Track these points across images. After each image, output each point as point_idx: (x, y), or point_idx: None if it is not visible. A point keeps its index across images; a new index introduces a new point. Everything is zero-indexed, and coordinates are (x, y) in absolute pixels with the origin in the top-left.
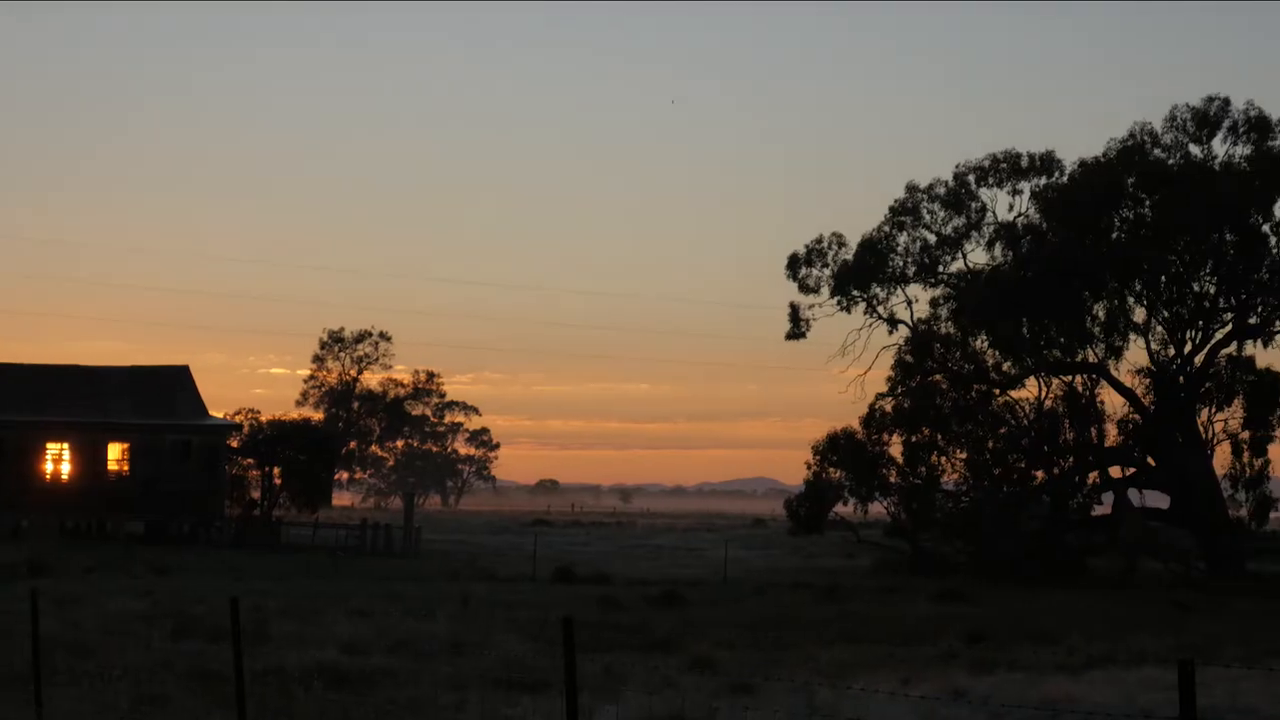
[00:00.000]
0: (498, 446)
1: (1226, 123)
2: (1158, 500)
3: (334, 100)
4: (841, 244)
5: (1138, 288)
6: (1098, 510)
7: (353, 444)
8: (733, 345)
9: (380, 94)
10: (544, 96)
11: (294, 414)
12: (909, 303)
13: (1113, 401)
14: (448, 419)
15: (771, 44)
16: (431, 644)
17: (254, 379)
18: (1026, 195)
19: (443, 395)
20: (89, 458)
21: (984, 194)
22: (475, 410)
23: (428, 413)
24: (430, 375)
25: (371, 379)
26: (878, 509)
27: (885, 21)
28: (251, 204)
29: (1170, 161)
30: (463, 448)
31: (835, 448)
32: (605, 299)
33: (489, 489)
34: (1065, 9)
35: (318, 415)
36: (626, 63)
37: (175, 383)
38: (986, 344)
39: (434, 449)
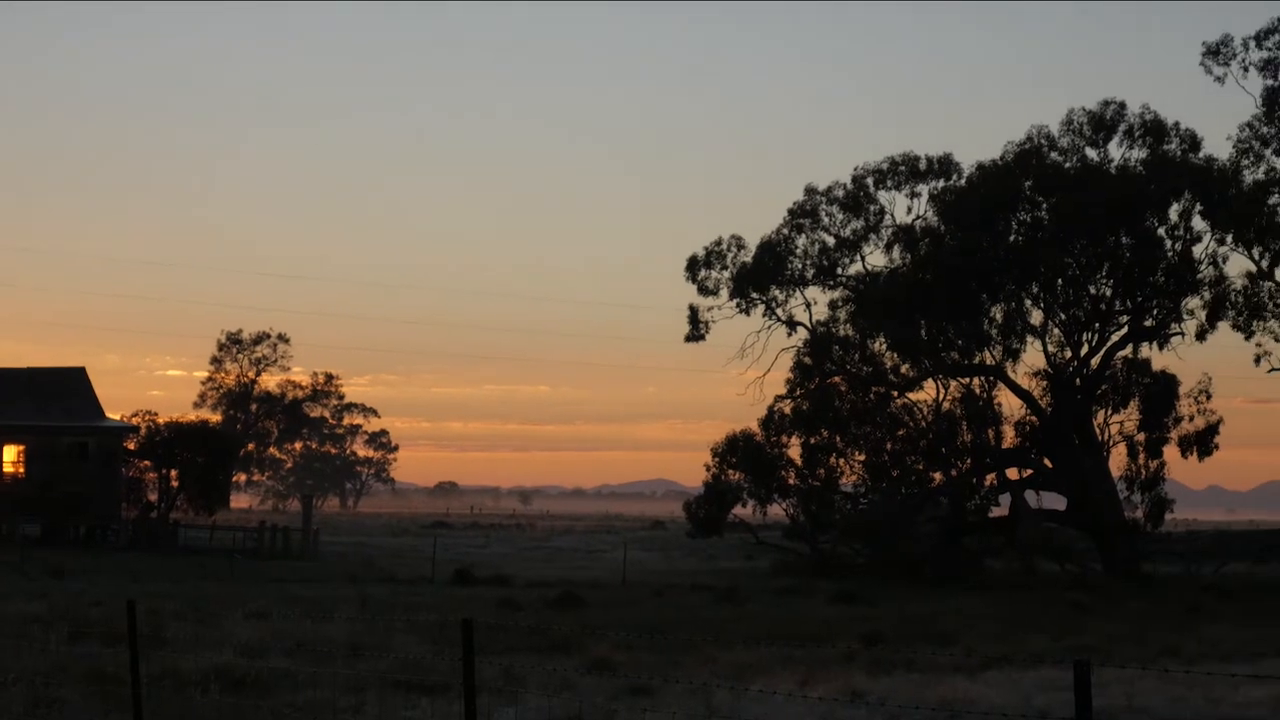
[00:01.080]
0: (396, 449)
1: (1122, 126)
2: (1055, 502)
3: (231, 102)
4: (741, 246)
5: (1035, 290)
6: (995, 512)
7: (251, 446)
8: (632, 347)
9: (276, 95)
10: (441, 99)
11: (191, 416)
12: (808, 305)
13: (1010, 404)
14: (346, 421)
15: (672, 46)
16: (330, 646)
17: (151, 381)
18: (925, 198)
19: (341, 397)
20: None
21: (882, 197)
22: (374, 412)
23: (326, 415)
24: (328, 377)
25: (270, 381)
26: (777, 511)
27: (784, 24)
28: (149, 206)
29: (1067, 165)
30: (361, 450)
31: (734, 450)
32: (504, 300)
33: (388, 491)
34: (964, 12)
35: (215, 417)
36: (528, 64)
37: (72, 384)
38: (885, 346)
39: (332, 451)
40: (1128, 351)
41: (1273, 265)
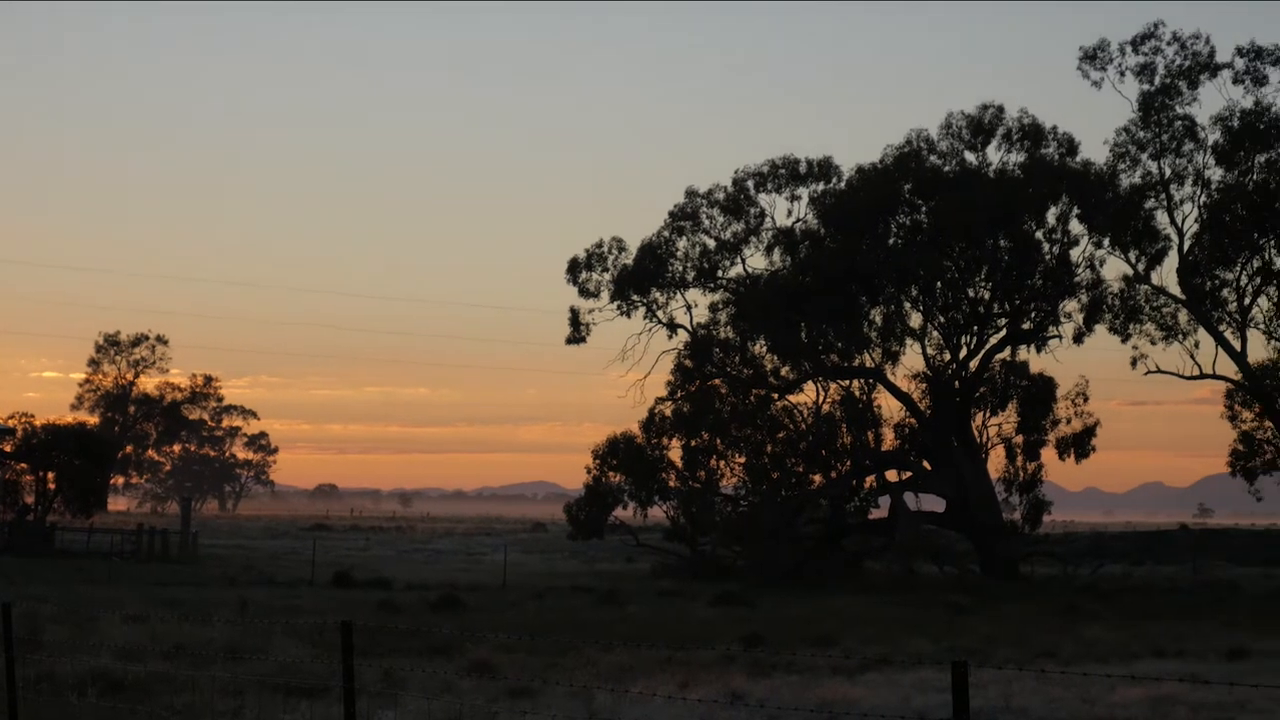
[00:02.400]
0: (276, 451)
1: (1001, 130)
2: (934, 504)
3: (112, 101)
4: (622, 249)
5: (914, 293)
6: (875, 514)
7: (129, 448)
8: (513, 349)
9: (157, 95)
10: (325, 101)
11: (69, 418)
12: (689, 307)
13: (890, 406)
14: (225, 423)
15: (552, 46)
16: (208, 649)
17: (26, 382)
18: (805, 201)
19: (220, 399)
20: None
21: (763, 199)
22: (253, 414)
23: (205, 417)
24: (207, 379)
25: (148, 383)
26: (658, 513)
27: (667, 25)
28: (25, 205)
29: (946, 168)
30: (241, 452)
31: (615, 452)
32: (384, 303)
33: (267, 493)
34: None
35: (93, 420)
36: (409, 66)
37: None
38: (765, 349)
39: (211, 453)
40: (1006, 354)
41: (1149, 268)
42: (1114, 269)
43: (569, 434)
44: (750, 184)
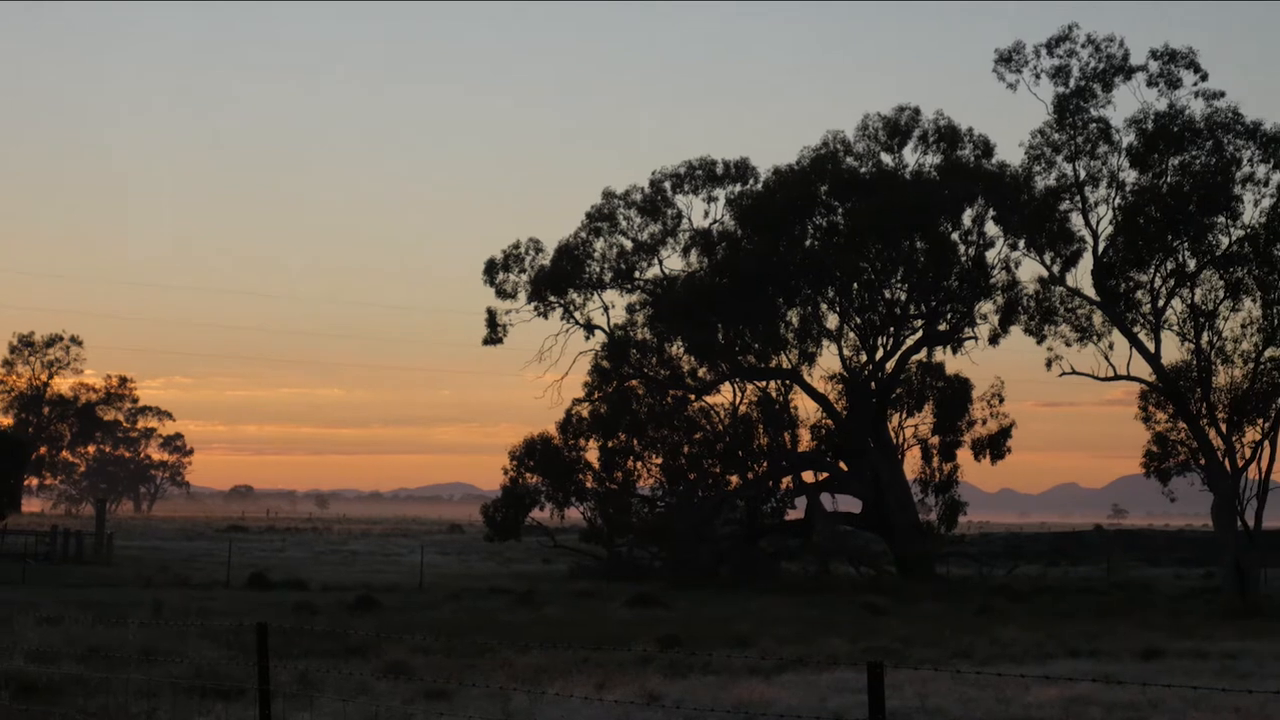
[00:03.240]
0: (191, 452)
1: (917, 132)
2: (850, 505)
3: (23, 102)
4: (539, 250)
5: (831, 294)
6: (791, 515)
7: (43, 449)
8: (429, 350)
9: (66, 94)
10: (235, 100)
11: None
12: (606, 308)
13: (806, 407)
14: (140, 424)
15: (471, 46)
16: (123, 652)
17: None
18: (722, 202)
19: (135, 400)
20: None
21: (680, 201)
22: (168, 415)
23: (120, 418)
24: (122, 380)
25: (62, 384)
26: (575, 514)
27: (584, 27)
28: None
29: (863, 170)
30: (156, 453)
31: (532, 453)
32: (299, 303)
33: (183, 495)
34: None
35: (6, 420)
36: (325, 64)
37: None
38: (682, 350)
39: (126, 455)
40: (922, 355)
41: (1064, 270)
42: (1029, 270)
43: (486, 435)
44: (667, 185)
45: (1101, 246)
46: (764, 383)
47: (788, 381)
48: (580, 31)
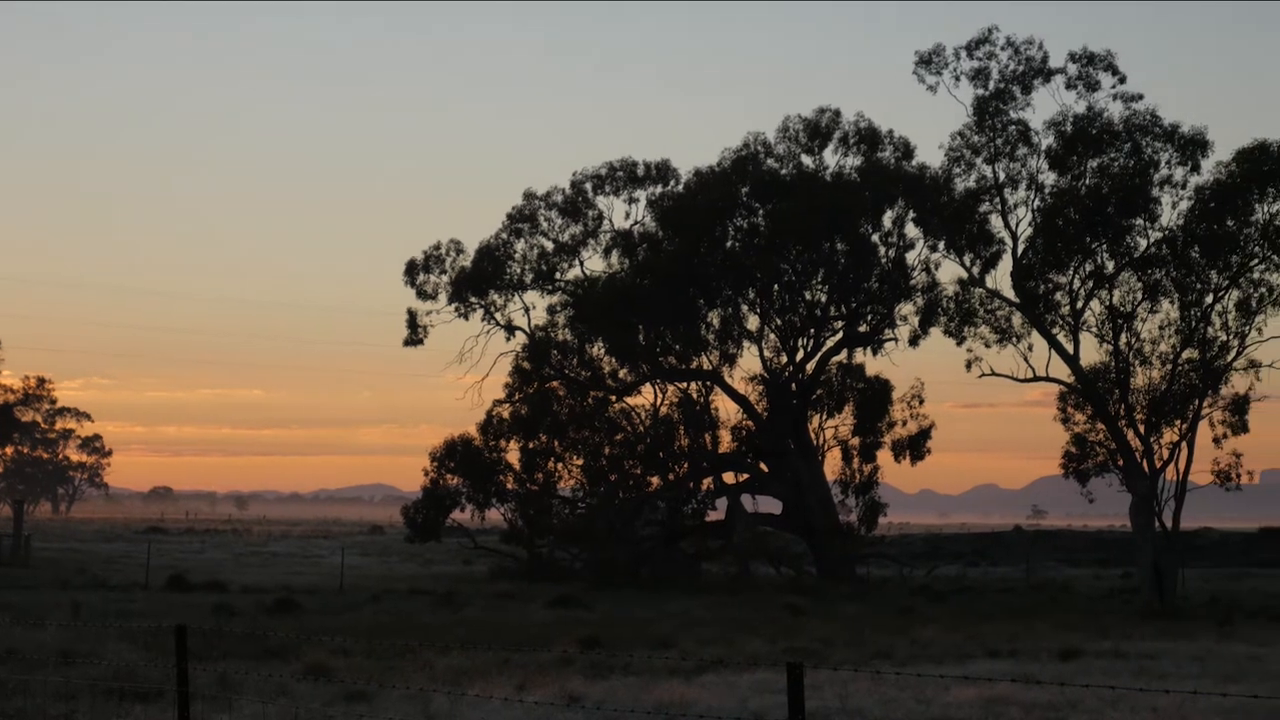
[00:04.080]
0: (110, 453)
1: (838, 134)
2: (771, 506)
3: None
4: (460, 251)
5: (751, 296)
6: (712, 516)
7: None
8: (349, 351)
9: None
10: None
11: None
12: (527, 310)
13: (727, 408)
14: (58, 425)
15: (390, 47)
16: (41, 654)
17: None
18: (643, 203)
19: (53, 401)
20: None
21: (601, 202)
22: (87, 416)
23: (38, 419)
24: (40, 381)
25: None
26: (496, 516)
27: (506, 27)
28: None
29: (783, 171)
30: (74, 454)
31: (453, 454)
32: (219, 304)
33: (101, 496)
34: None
35: None
36: (246, 68)
37: None
38: (603, 351)
39: (44, 456)
40: (842, 357)
41: (984, 272)
42: (949, 272)
43: (406, 436)
44: (588, 186)
45: (1021, 248)
46: (685, 384)
47: (708, 383)
48: (501, 30)
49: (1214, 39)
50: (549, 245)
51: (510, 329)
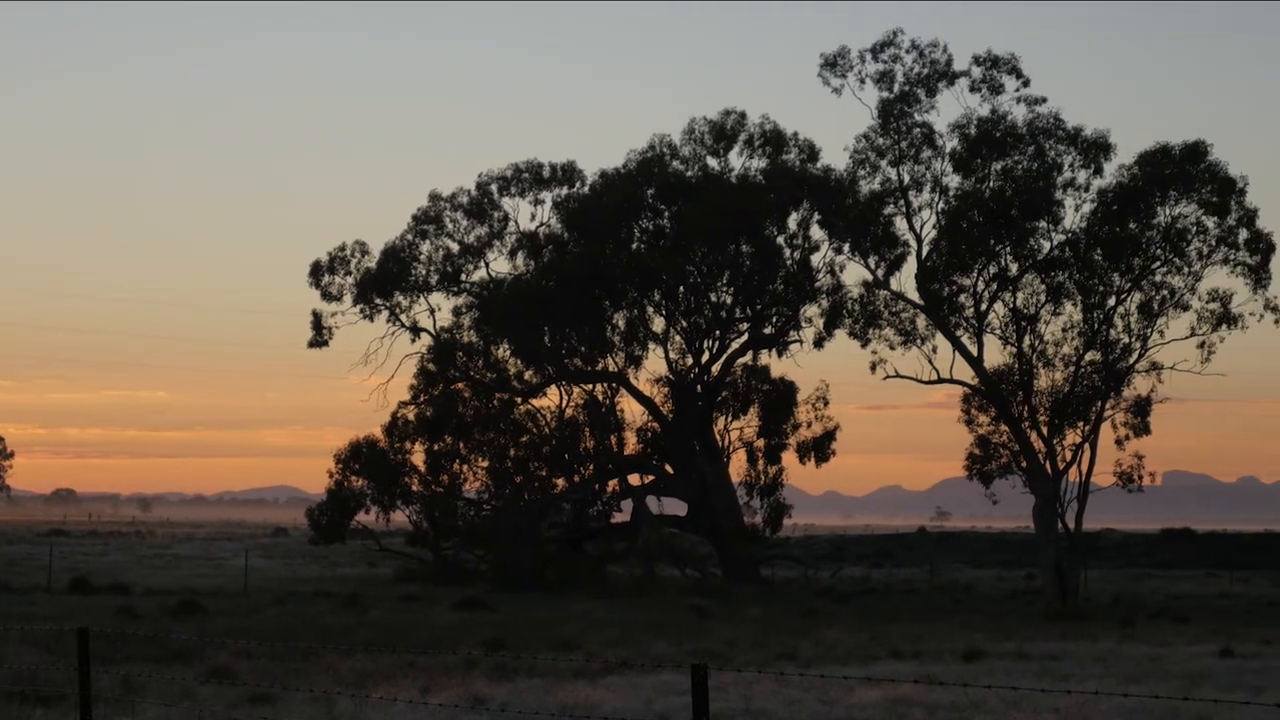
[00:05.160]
0: (11, 455)
1: (743, 136)
2: (676, 508)
3: None
4: (365, 252)
5: (657, 298)
6: (618, 518)
7: None
8: (253, 353)
9: None
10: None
11: None
12: (432, 311)
13: (633, 410)
14: None
15: (295, 46)
16: None
17: None
18: (549, 205)
19: None
20: None
21: (507, 203)
22: None
23: None
24: None
25: None
26: (401, 518)
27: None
28: None
29: (689, 174)
30: None
31: (358, 456)
32: (123, 305)
33: (3, 499)
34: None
35: None
36: (146, 64)
37: None
38: (509, 352)
39: None
40: (748, 359)
41: (889, 274)
42: (854, 274)
43: (311, 438)
44: (494, 188)
45: (925, 251)
46: (590, 386)
47: (614, 384)
48: (406, 31)
49: (1117, 42)
50: (454, 247)
51: (416, 331)
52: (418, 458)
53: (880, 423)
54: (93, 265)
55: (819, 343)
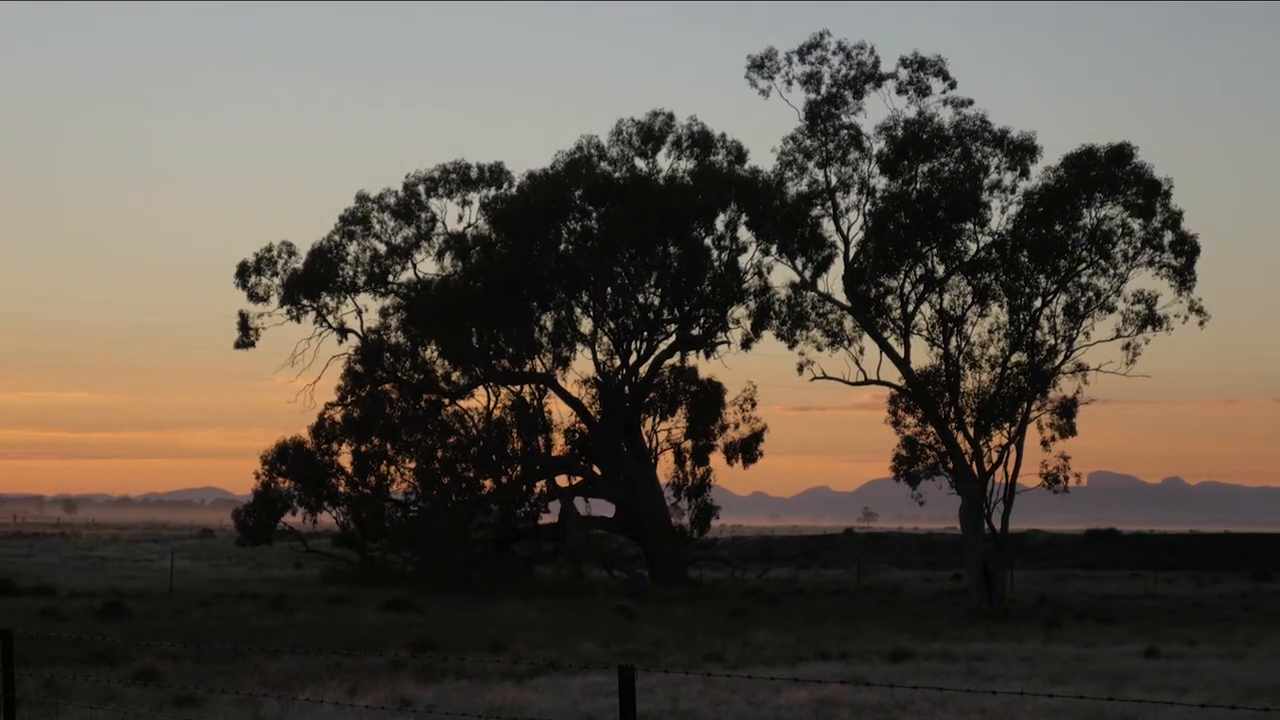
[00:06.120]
0: None
1: (671, 137)
2: (604, 509)
3: None
4: (292, 253)
5: (585, 299)
6: (545, 519)
7: None
8: (179, 354)
9: None
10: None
11: None
12: (359, 312)
13: (560, 411)
14: None
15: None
16: None
17: None
18: (476, 206)
19: None
20: None
21: (435, 205)
22: None
23: None
24: None
25: None
26: (328, 519)
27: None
28: None
29: (617, 175)
30: None
31: (284, 457)
32: (45, 305)
33: None
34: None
35: None
36: (69, 64)
37: None
38: (436, 353)
39: None
40: (676, 360)
41: (816, 275)
42: (782, 276)
43: (238, 439)
44: (422, 189)
45: (853, 252)
46: (518, 387)
47: (542, 385)
48: (333, 30)
49: (1044, 45)
50: (382, 248)
51: (343, 332)
52: (345, 459)
53: (807, 424)
54: (13, 266)
55: (746, 344)
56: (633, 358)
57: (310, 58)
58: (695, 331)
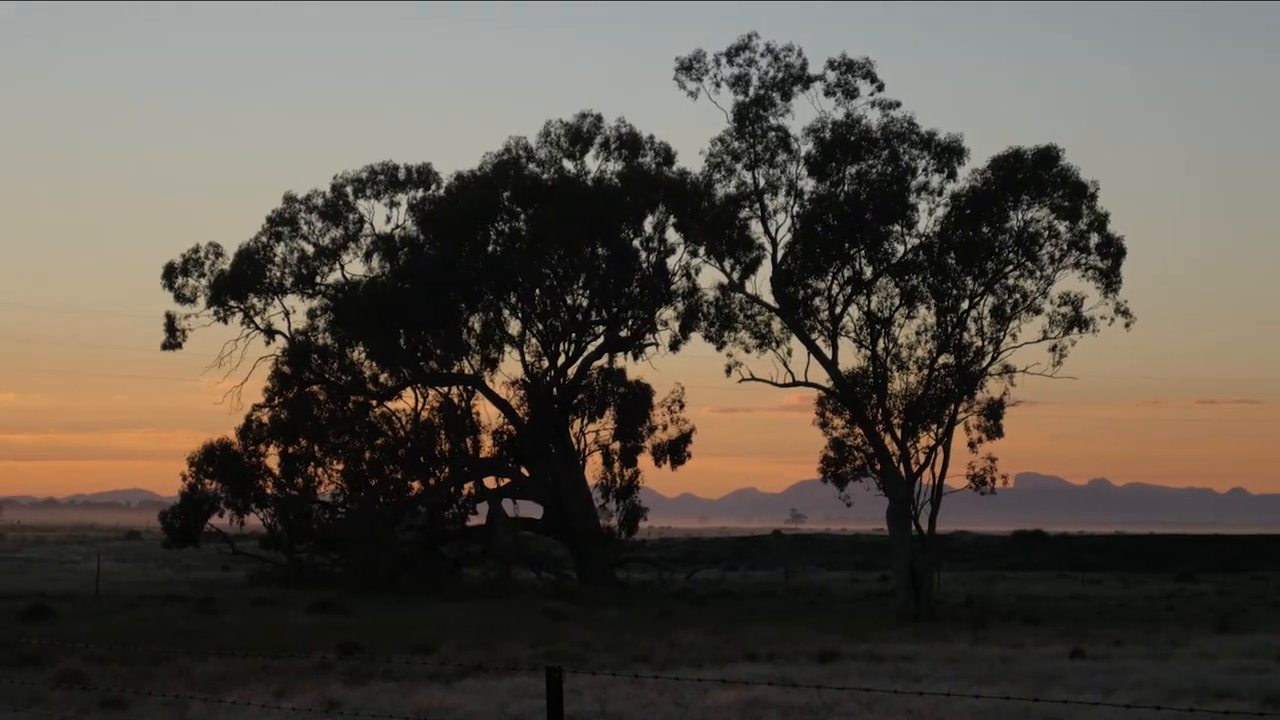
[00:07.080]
0: None
1: (599, 139)
2: (532, 510)
3: None
4: (219, 254)
5: (513, 300)
6: (473, 521)
7: None
8: (105, 355)
9: None
10: None
11: None
12: (287, 314)
13: (489, 413)
14: None
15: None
16: None
17: None
18: (404, 207)
19: None
20: None
21: (362, 205)
22: None
23: None
24: None
25: None
26: (255, 521)
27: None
28: None
29: (545, 176)
30: None
31: (211, 459)
32: None
33: None
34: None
35: None
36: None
37: None
38: (364, 355)
39: None
40: (604, 361)
41: (744, 277)
42: (710, 277)
43: (164, 440)
44: (349, 190)
45: (781, 254)
46: (446, 388)
47: (470, 387)
48: (262, 31)
49: (971, 47)
50: (309, 249)
51: (270, 333)
52: (272, 461)
53: (735, 425)
54: None
55: (674, 346)
56: (561, 359)
57: (240, 56)
58: (623, 333)
